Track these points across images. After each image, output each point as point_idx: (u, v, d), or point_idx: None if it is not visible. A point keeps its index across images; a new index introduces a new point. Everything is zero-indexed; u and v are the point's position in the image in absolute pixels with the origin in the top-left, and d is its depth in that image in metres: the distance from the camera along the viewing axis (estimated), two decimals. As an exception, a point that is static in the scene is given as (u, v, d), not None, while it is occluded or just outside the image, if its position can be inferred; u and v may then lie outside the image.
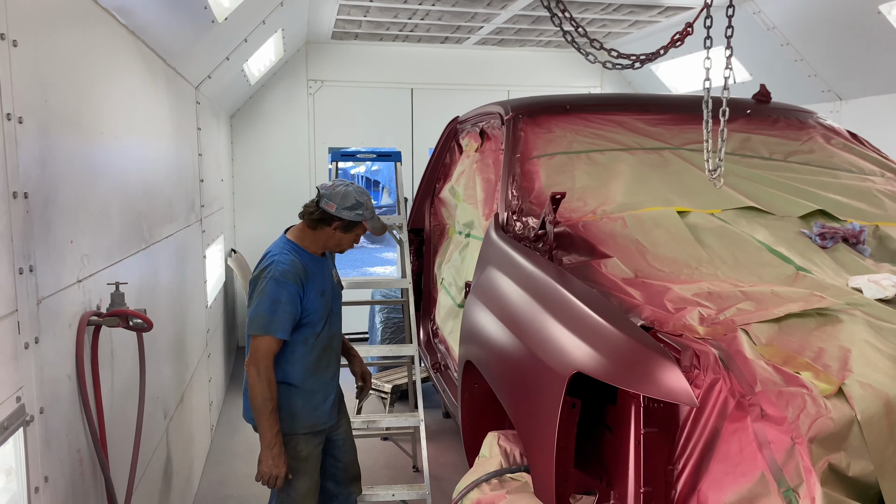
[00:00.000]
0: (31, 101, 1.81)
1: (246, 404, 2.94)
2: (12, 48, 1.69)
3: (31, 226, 1.79)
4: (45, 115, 1.91)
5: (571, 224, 2.59)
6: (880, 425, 1.47)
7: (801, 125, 3.39)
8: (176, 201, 3.74)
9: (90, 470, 2.21)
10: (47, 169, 1.91)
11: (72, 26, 2.17)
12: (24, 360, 1.73)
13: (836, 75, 5.37)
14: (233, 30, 4.15)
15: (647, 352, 1.62)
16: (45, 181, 1.89)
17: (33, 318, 1.79)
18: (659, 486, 1.66)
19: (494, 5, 5.53)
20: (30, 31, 1.81)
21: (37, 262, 1.82)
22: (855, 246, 2.52)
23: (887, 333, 1.74)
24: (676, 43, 2.49)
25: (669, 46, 2.50)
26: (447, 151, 4.61)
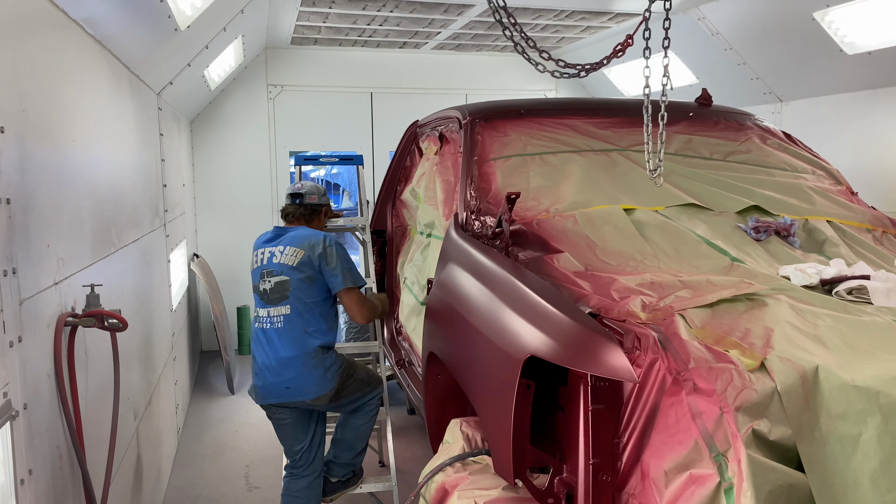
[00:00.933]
0: (9, 111, 1.90)
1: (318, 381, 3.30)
2: (-6, 61, 1.78)
3: (13, 230, 1.88)
4: (23, 124, 2.00)
5: (526, 222, 2.75)
6: (797, 395, 1.65)
7: (740, 126, 3.61)
8: (141, 206, 3.81)
9: (69, 465, 2.30)
10: (26, 176, 2.00)
11: (43, 37, 2.25)
12: (9, 358, 1.82)
13: (777, 78, 5.66)
14: (195, 37, 4.22)
15: (593, 335, 1.78)
16: (24, 188, 1.98)
17: (17, 318, 1.88)
18: (606, 458, 1.83)
19: (451, 12, 5.69)
20: (6, 44, 1.90)
21: (18, 265, 1.91)
22: (786, 238, 2.74)
23: (806, 314, 1.94)
24: (618, 53, 2.67)
25: (612, 57, 2.68)
26: (408, 154, 4.75)
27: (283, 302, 3.30)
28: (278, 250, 3.36)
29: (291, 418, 3.44)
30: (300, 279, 3.30)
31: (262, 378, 3.35)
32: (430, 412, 2.96)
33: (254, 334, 3.43)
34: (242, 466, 4.63)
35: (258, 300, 3.41)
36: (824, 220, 2.90)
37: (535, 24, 6.15)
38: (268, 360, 3.32)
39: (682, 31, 5.85)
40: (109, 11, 2.87)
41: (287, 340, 3.28)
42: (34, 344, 2.02)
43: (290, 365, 3.27)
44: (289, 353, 3.27)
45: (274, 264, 3.34)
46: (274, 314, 3.31)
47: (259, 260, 3.43)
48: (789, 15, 4.90)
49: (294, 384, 3.28)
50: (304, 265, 3.31)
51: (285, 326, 3.29)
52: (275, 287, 3.32)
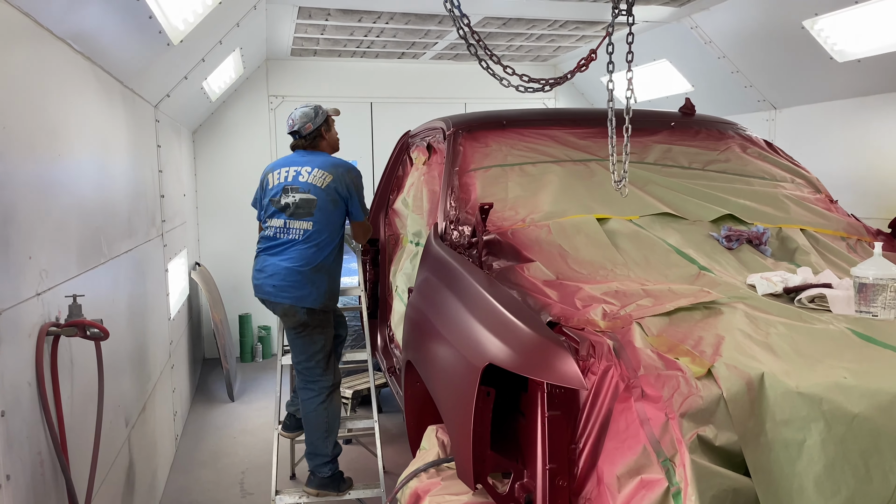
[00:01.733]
0: (-11, 129, 1.98)
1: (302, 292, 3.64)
2: (-30, 82, 1.85)
3: (-9, 243, 1.95)
4: (2, 140, 2.08)
5: (502, 232, 2.81)
6: (743, 401, 1.69)
7: (721, 136, 3.65)
8: (135, 217, 3.89)
9: (51, 471, 2.36)
10: (4, 190, 2.08)
11: (27, 55, 2.33)
12: (-14, 367, 1.89)
13: (770, 86, 5.68)
14: (189, 51, 4.31)
15: (544, 342, 1.83)
16: (2, 202, 2.05)
17: (-6, 328, 1.95)
18: (563, 463, 1.87)
19: (445, 23, 5.76)
20: (-13, 65, 1.98)
21: (-4, 277, 1.98)
22: (758, 247, 2.77)
23: (760, 322, 1.98)
24: (582, 68, 2.72)
25: (576, 71, 2.73)
26: (399, 164, 4.82)
27: (307, 218, 3.66)
28: (305, 170, 3.71)
29: (288, 326, 3.77)
30: (327, 200, 3.66)
31: (258, 277, 3.75)
32: (410, 419, 3.01)
33: (264, 239, 3.79)
34: (238, 473, 4.70)
35: (275, 212, 3.74)
36: (798, 229, 2.93)
37: (530, 33, 6.21)
38: (271, 262, 3.68)
39: (676, 39, 5.90)
40: (98, 28, 2.95)
41: (298, 252, 3.64)
42: (13, 353, 2.09)
43: (285, 276, 3.62)
44: (292, 261, 3.63)
45: (301, 182, 3.69)
46: (295, 227, 3.67)
47: (282, 177, 3.76)
48: (779, 23, 4.94)
49: (279, 287, 3.63)
50: (332, 189, 3.68)
51: (303, 241, 3.65)
52: (300, 203, 3.66)
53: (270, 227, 3.75)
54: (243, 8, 4.68)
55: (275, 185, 3.79)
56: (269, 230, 3.76)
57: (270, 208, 3.77)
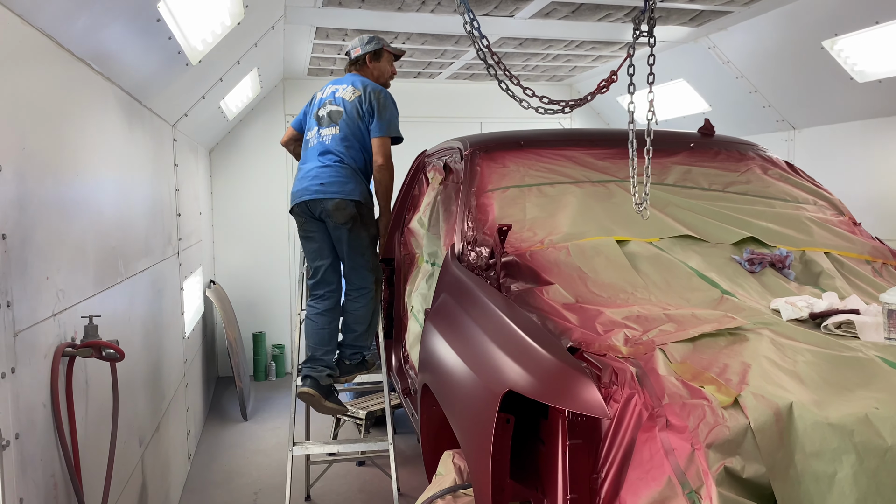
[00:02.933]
0: (7, 150, 1.98)
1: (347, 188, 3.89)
2: (-9, 103, 1.86)
3: (9, 264, 1.95)
4: (22, 161, 2.08)
5: (520, 253, 2.77)
6: (771, 432, 1.64)
7: (741, 157, 3.61)
8: (152, 236, 3.90)
9: (64, 493, 2.34)
10: (24, 211, 2.08)
11: (47, 75, 2.34)
12: (2, 389, 1.88)
13: (789, 106, 5.64)
14: (208, 70, 4.34)
15: (567, 370, 1.79)
16: (22, 223, 2.05)
17: (10, 349, 1.94)
18: (584, 493, 1.83)
19: (462, 43, 5.77)
20: (7, 85, 1.98)
21: (13, 298, 1.97)
22: (781, 270, 2.72)
23: (787, 350, 1.93)
24: (602, 90, 2.70)
25: (596, 92, 2.71)
26: (416, 183, 4.81)
27: (332, 125, 3.99)
28: (341, 87, 4.07)
29: (318, 234, 4.00)
30: (352, 112, 3.96)
31: (301, 183, 3.97)
32: (426, 443, 2.97)
33: (304, 152, 4.10)
34: (251, 493, 4.66)
35: (313, 123, 4.09)
36: (822, 252, 2.87)
37: (546, 53, 6.21)
38: (311, 166, 3.95)
39: (694, 59, 5.88)
40: (118, 49, 2.97)
41: (331, 152, 3.93)
42: (29, 374, 2.07)
43: (329, 170, 3.89)
44: (330, 160, 3.91)
45: (336, 98, 4.04)
46: (325, 133, 4.00)
47: (324, 94, 4.13)
48: (798, 43, 4.90)
49: (325, 184, 3.86)
50: (357, 102, 3.98)
51: (332, 142, 3.95)
52: (330, 113, 4.02)
53: (310, 139, 4.08)
54: (261, 28, 4.72)
55: (317, 101, 4.16)
56: (308, 142, 4.08)
57: (310, 121, 4.14)
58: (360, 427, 5.31)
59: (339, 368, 4.14)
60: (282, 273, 7.48)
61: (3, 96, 1.95)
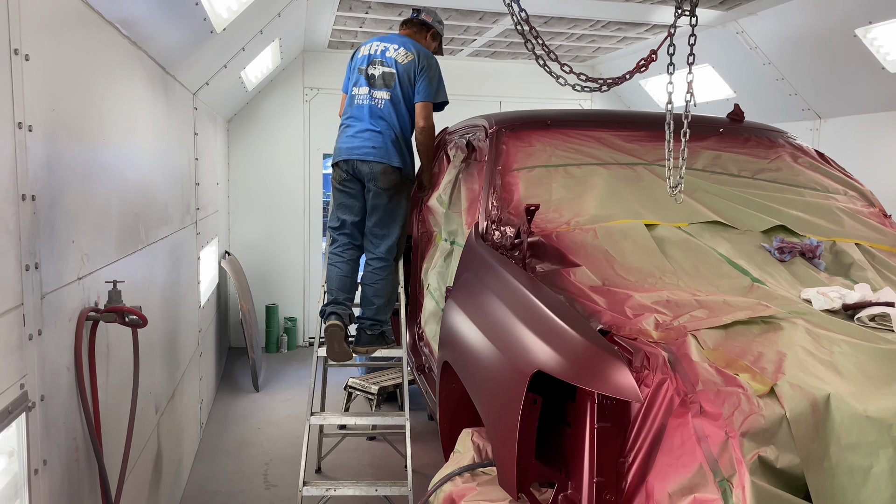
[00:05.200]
0: (39, 111, 1.96)
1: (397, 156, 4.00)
2: (25, 62, 1.83)
3: (37, 226, 1.93)
4: (52, 123, 2.06)
5: (546, 234, 2.74)
6: (807, 422, 1.62)
7: (771, 144, 3.55)
8: (172, 204, 3.89)
9: (85, 456, 2.35)
10: (53, 173, 2.06)
11: (78, 38, 2.31)
12: (28, 351, 1.87)
13: (816, 95, 5.55)
14: (231, 39, 4.30)
15: (600, 352, 1.77)
16: (50, 185, 2.04)
17: (37, 311, 1.93)
18: (611, 477, 1.81)
19: (486, 20, 5.70)
20: (41, 46, 1.96)
21: (41, 260, 1.96)
22: (811, 260, 2.68)
23: (822, 340, 1.90)
24: (641, 69, 2.64)
25: (634, 72, 2.65)
26: (436, 161, 4.76)
27: (386, 88, 3.99)
28: (393, 47, 4.06)
29: (355, 192, 4.08)
30: (404, 76, 3.99)
31: (350, 141, 4.00)
32: (444, 421, 2.96)
33: (350, 110, 4.09)
34: (262, 464, 4.68)
35: (362, 80, 4.05)
36: (853, 243, 2.82)
37: (571, 33, 6.13)
38: (362, 126, 3.98)
39: (721, 44, 5.78)
40: (145, 13, 2.93)
41: (383, 115, 3.98)
42: (54, 337, 2.07)
43: (380, 134, 3.95)
44: (382, 126, 3.96)
45: (387, 58, 4.03)
46: (377, 96, 4.01)
47: (371, 50, 4.10)
48: (830, 31, 4.81)
49: (377, 148, 3.93)
50: (410, 67, 4.01)
51: (385, 108, 3.99)
52: (383, 75, 4.01)
53: (359, 96, 4.06)
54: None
55: (364, 55, 4.12)
56: (357, 98, 4.06)
57: (358, 76, 4.09)
58: (372, 402, 5.32)
59: (359, 338, 4.18)
60: (296, 246, 7.47)
61: (37, 55, 1.92)
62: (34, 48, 1.90)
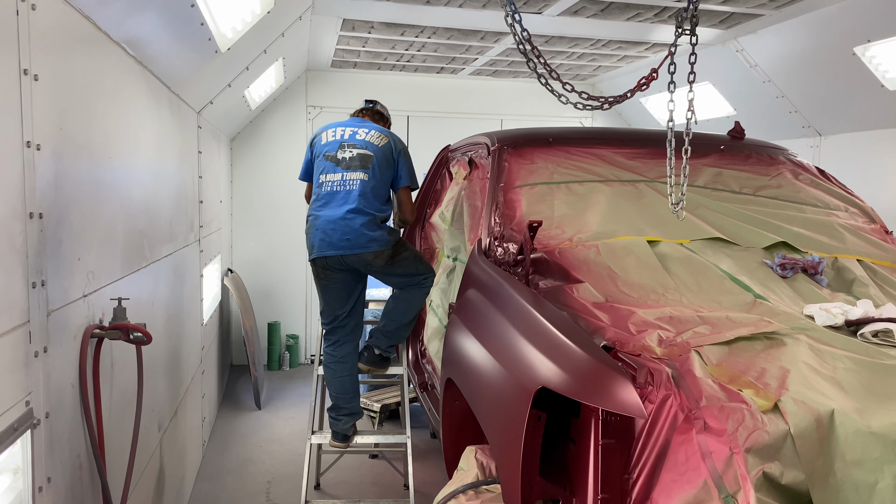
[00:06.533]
0: (47, 130, 1.98)
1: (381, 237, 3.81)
2: (34, 83, 1.86)
3: (44, 244, 1.95)
4: (59, 141, 2.08)
5: (549, 250, 2.75)
6: (811, 438, 1.62)
7: (772, 161, 3.57)
8: (176, 221, 3.91)
9: (88, 474, 2.35)
10: (60, 191, 2.08)
11: (85, 58, 2.34)
12: (34, 368, 1.88)
13: (816, 112, 5.58)
14: (235, 59, 4.34)
15: (604, 368, 1.77)
16: (57, 203, 2.05)
17: (43, 329, 1.94)
18: (615, 494, 1.81)
19: (487, 39, 5.75)
20: (49, 66, 1.98)
21: (48, 277, 1.97)
22: (813, 276, 2.69)
23: (826, 356, 1.90)
24: (643, 87, 2.67)
25: (636, 90, 2.68)
26: (438, 178, 4.79)
27: (362, 169, 3.83)
28: (363, 130, 3.94)
29: (341, 281, 3.88)
30: (382, 158, 3.87)
31: (325, 233, 3.78)
32: (447, 438, 2.95)
33: (319, 197, 3.87)
34: (264, 482, 4.66)
35: (330, 166, 3.87)
36: (854, 259, 2.83)
37: (572, 52, 6.18)
38: (334, 214, 3.77)
39: (720, 62, 5.83)
40: (151, 33, 2.97)
41: (357, 199, 3.77)
42: (60, 354, 2.08)
43: (356, 219, 3.74)
44: (360, 210, 3.75)
45: (358, 140, 3.90)
46: (350, 178, 3.82)
47: (337, 133, 3.95)
48: (829, 49, 4.85)
49: (355, 238, 3.74)
50: (388, 149, 3.91)
51: (360, 188, 3.79)
52: (357, 157, 3.85)
53: (328, 183, 3.87)
54: (290, 18, 4.71)
55: (329, 141, 3.94)
56: (326, 185, 3.87)
57: (325, 164, 3.90)
58: (374, 420, 5.30)
59: (367, 356, 4.10)
60: (298, 264, 7.48)
61: (46, 75, 1.95)
62: (43, 69, 1.93)
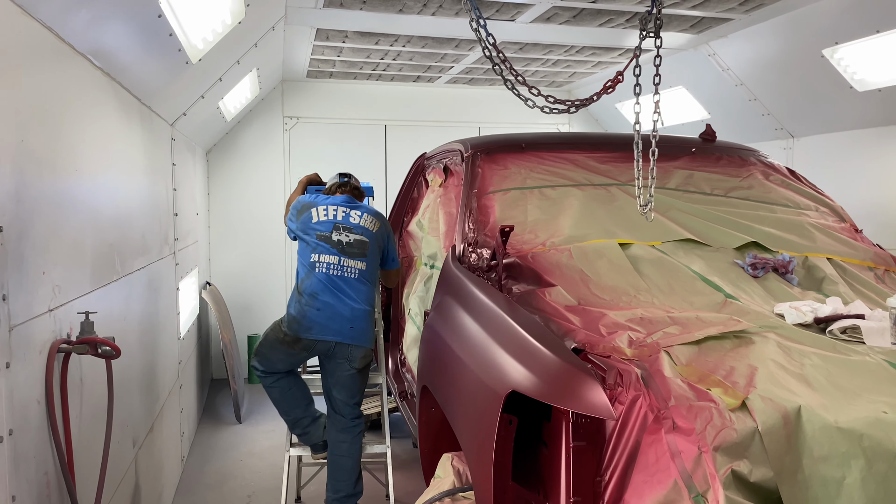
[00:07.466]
0: (7, 142, 1.95)
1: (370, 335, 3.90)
2: (-9, 94, 1.83)
3: (6, 257, 1.91)
4: (20, 154, 2.05)
5: (522, 255, 2.75)
6: (779, 435, 1.62)
7: (743, 162, 3.60)
8: (149, 234, 3.87)
9: (57, 492, 2.30)
10: (21, 204, 2.04)
11: (47, 70, 2.31)
12: (-4, 384, 1.84)
13: (788, 114, 5.64)
14: (207, 70, 4.31)
15: (573, 371, 1.77)
16: (19, 216, 2.02)
17: (5, 344, 1.91)
18: (588, 496, 1.80)
19: (462, 47, 5.76)
20: (7, 78, 1.96)
21: (9, 292, 1.94)
22: (784, 275, 2.71)
23: (794, 353, 1.91)
24: (608, 90, 2.68)
25: (602, 93, 2.69)
26: (415, 186, 4.79)
27: (361, 258, 3.84)
28: (356, 213, 3.91)
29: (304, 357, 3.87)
30: (375, 244, 3.91)
31: (329, 319, 3.72)
32: (424, 446, 2.94)
33: (317, 277, 3.79)
34: (244, 496, 4.61)
35: (325, 247, 3.82)
36: (824, 258, 2.86)
37: (546, 59, 6.21)
38: (338, 302, 3.74)
39: (693, 66, 5.88)
40: (118, 45, 2.94)
41: (359, 292, 3.81)
42: (24, 370, 2.04)
43: (358, 316, 3.77)
44: (359, 305, 3.79)
45: (353, 224, 3.88)
46: (349, 265, 3.82)
47: (331, 214, 3.90)
48: (798, 52, 4.91)
49: (359, 330, 3.76)
50: (380, 236, 3.96)
51: (359, 279, 3.82)
52: (354, 243, 3.84)
53: (322, 264, 3.81)
54: (262, 29, 4.69)
55: (321, 219, 3.89)
56: (321, 266, 3.82)
57: (319, 244, 3.84)
58: (356, 431, 5.26)
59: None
60: (277, 276, 7.44)
61: (3, 87, 1.92)
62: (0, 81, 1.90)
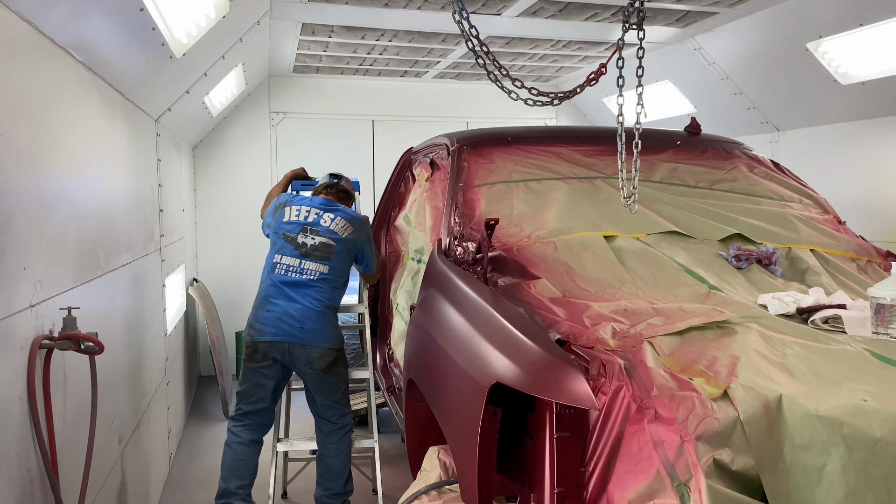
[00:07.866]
0: (-14, 136, 1.93)
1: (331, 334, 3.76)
2: (-32, 87, 1.81)
3: (-16, 252, 1.90)
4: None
5: (507, 248, 2.76)
6: (760, 424, 1.63)
7: (727, 155, 3.62)
8: (134, 231, 3.84)
9: (40, 489, 2.29)
10: (1, 199, 2.02)
11: (27, 64, 2.29)
12: (-24, 380, 1.83)
13: (773, 108, 5.67)
14: (192, 65, 4.28)
15: (556, 361, 1.77)
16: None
17: (-15, 339, 1.89)
18: (572, 487, 1.81)
19: (448, 42, 5.75)
20: (-15, 71, 1.94)
21: (-11, 287, 1.92)
22: (767, 267, 2.72)
23: (775, 343, 1.93)
24: (591, 82, 2.69)
25: (585, 85, 2.70)
26: (402, 181, 4.78)
27: (324, 261, 3.75)
28: (328, 216, 3.84)
29: (271, 377, 3.75)
30: (343, 250, 3.81)
31: (270, 319, 3.70)
32: (411, 440, 2.94)
33: (273, 280, 3.78)
34: (232, 493, 4.59)
35: (289, 248, 3.78)
36: (808, 249, 2.88)
37: (533, 53, 6.21)
38: (292, 304, 3.68)
39: (679, 60, 5.90)
40: (100, 39, 2.91)
41: (317, 292, 3.71)
42: (5, 366, 2.02)
43: (308, 316, 3.66)
44: (314, 303, 3.69)
45: (322, 226, 3.81)
46: (310, 268, 3.74)
47: (301, 214, 3.85)
48: (783, 45, 4.93)
49: (313, 330, 3.66)
50: (350, 241, 3.84)
51: (318, 282, 3.73)
52: (319, 246, 3.77)
53: (282, 265, 3.78)
54: (247, 23, 4.67)
55: (291, 219, 3.85)
56: (280, 267, 3.79)
57: (283, 244, 3.81)
58: (344, 426, 5.25)
59: None
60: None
61: (-19, 80, 1.90)
62: (-21, 73, 1.88)
